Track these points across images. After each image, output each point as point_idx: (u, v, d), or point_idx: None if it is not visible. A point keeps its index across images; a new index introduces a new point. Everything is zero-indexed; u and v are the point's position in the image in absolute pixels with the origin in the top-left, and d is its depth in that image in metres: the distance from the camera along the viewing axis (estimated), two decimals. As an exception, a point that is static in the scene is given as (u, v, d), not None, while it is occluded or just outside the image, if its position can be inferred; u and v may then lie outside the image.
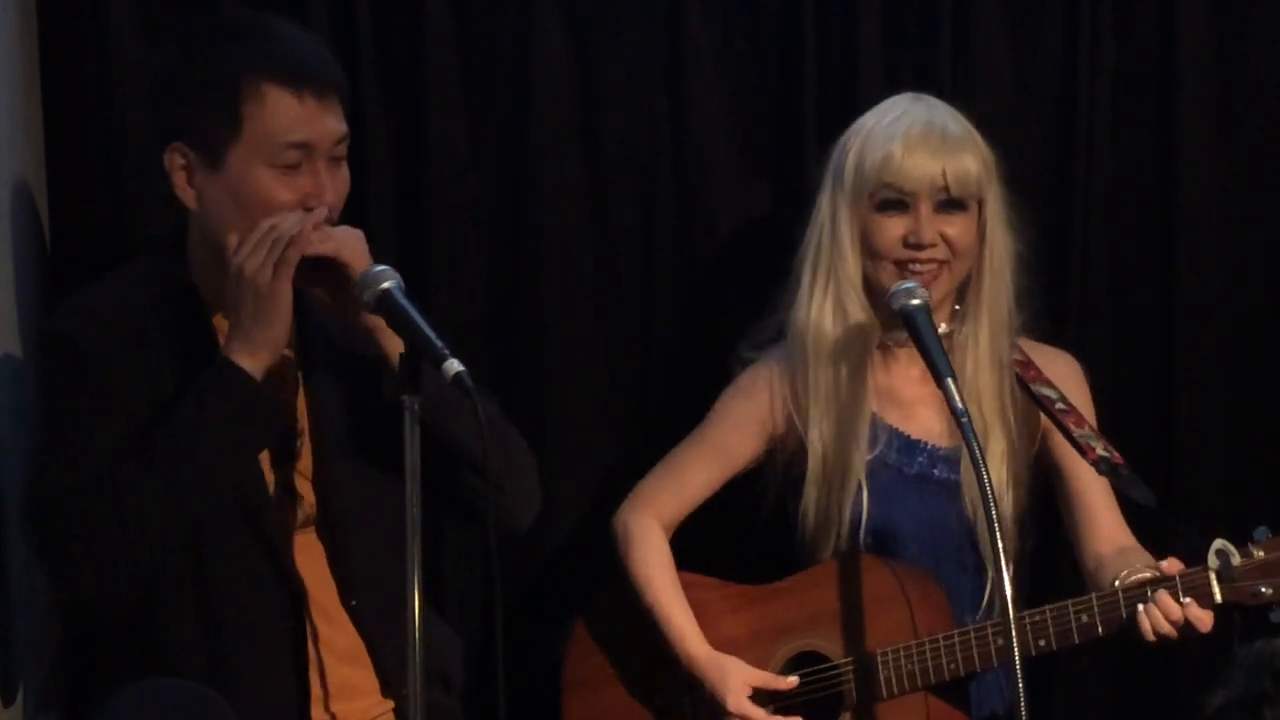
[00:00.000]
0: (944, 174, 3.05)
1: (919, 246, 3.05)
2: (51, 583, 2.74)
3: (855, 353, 3.13)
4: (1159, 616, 2.88)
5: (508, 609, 2.59)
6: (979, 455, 2.79)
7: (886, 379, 3.17)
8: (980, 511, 3.06)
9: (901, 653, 3.02)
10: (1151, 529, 3.08)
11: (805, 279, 3.14)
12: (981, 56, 3.47)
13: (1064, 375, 3.16)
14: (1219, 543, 2.88)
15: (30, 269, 3.12)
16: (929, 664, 3.01)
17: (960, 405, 2.82)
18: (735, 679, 3.09)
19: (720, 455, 3.20)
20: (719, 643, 3.15)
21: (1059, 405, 3.08)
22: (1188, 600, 2.87)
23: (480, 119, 3.45)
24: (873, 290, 3.11)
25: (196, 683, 2.60)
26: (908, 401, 3.18)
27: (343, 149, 2.73)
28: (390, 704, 2.85)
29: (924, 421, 3.17)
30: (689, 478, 3.21)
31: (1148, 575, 2.93)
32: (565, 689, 3.28)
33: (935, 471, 3.14)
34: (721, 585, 3.20)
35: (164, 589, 2.70)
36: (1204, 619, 2.87)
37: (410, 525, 2.47)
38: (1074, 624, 2.94)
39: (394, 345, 2.57)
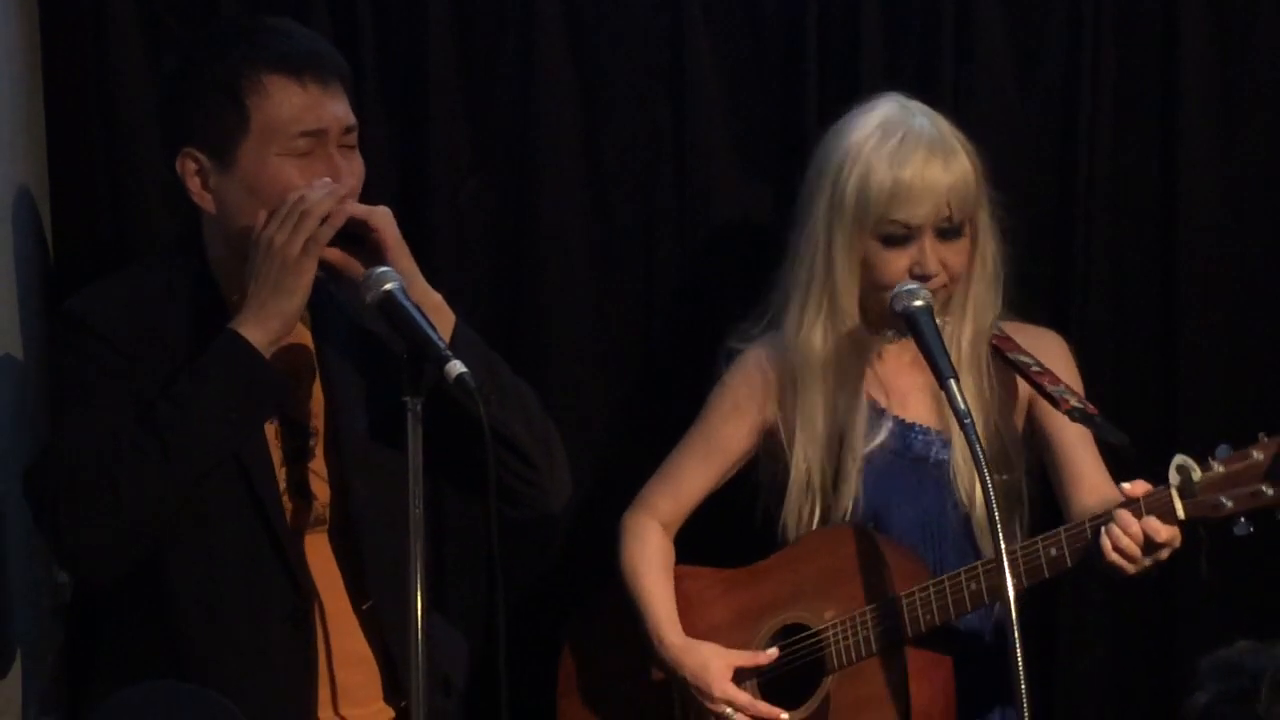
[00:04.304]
0: (948, 204, 3.05)
1: (923, 277, 3.06)
2: (49, 547, 2.74)
3: (849, 372, 3.14)
4: (1118, 533, 2.88)
5: (509, 611, 2.58)
6: (982, 458, 2.81)
7: (880, 368, 3.18)
8: (974, 501, 3.08)
9: (918, 594, 3.00)
10: (1130, 474, 3.06)
11: (797, 299, 3.14)
12: (984, 60, 3.47)
13: (1049, 351, 3.17)
14: (1179, 458, 2.88)
15: (33, 272, 3.13)
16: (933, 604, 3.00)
17: (963, 406, 2.85)
18: (716, 664, 3.10)
19: (713, 450, 3.21)
20: (708, 629, 3.16)
21: (1034, 368, 3.09)
22: (1149, 516, 2.88)
23: (482, 123, 3.45)
24: (867, 310, 3.12)
25: (202, 686, 2.59)
26: (901, 389, 3.19)
27: (352, 138, 2.73)
28: (392, 711, 2.84)
29: (916, 407, 3.18)
30: (684, 477, 3.22)
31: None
32: (560, 697, 3.29)
33: (931, 455, 3.15)
34: (711, 572, 3.21)
35: (171, 588, 2.71)
36: (1161, 530, 2.87)
37: (414, 526, 2.48)
38: (1043, 558, 2.94)
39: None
